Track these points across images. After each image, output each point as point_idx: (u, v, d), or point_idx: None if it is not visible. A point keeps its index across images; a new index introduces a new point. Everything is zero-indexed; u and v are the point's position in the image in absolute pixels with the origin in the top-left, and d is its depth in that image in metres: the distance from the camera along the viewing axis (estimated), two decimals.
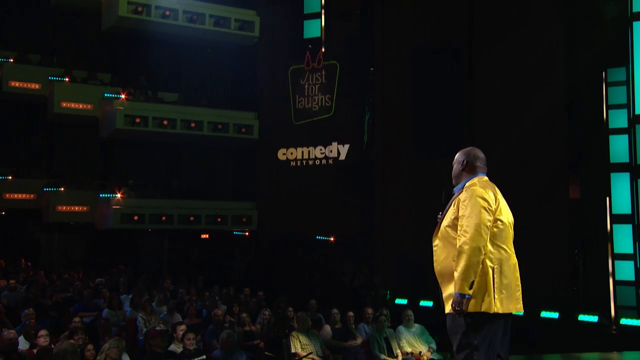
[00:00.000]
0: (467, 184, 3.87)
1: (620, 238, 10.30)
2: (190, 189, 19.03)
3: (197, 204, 17.84)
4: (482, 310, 3.63)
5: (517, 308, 3.73)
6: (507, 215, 3.78)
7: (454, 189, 3.99)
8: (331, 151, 17.17)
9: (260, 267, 17.27)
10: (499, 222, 3.71)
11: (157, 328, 7.26)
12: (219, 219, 17.66)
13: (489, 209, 3.65)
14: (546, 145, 11.61)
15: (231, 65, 20.24)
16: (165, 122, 17.55)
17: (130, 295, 11.71)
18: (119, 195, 17.01)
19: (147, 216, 17.07)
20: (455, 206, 3.81)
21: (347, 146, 16.93)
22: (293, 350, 8.82)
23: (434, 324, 9.68)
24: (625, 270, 10.21)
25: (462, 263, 3.59)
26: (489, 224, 3.63)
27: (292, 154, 17.81)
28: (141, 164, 19.89)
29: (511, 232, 3.79)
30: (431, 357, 9.15)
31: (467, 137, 12.87)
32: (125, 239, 18.59)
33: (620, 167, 10.36)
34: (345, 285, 14.17)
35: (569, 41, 11.65)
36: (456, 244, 3.69)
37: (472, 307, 3.63)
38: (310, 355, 8.52)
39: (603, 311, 9.97)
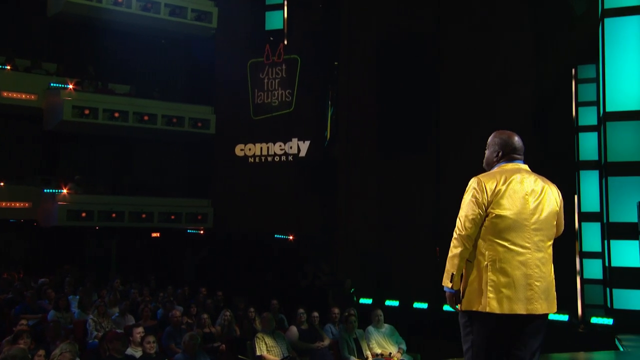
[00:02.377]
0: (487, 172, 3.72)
1: (589, 236, 10.24)
2: (142, 185, 18.19)
3: (150, 201, 17.06)
4: (476, 309, 3.40)
5: (529, 309, 3.35)
6: (515, 207, 3.41)
7: None
8: (291, 147, 16.72)
9: (216, 267, 16.64)
10: (492, 215, 3.40)
11: (117, 330, 6.64)
12: (172, 217, 16.94)
13: (476, 199, 3.41)
14: None
15: (187, 57, 19.52)
16: (116, 115, 16.72)
17: (78, 296, 11.00)
18: (65, 191, 16.08)
19: (95, 213, 16.20)
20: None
21: (307, 142, 16.52)
22: (258, 353, 8.32)
23: (400, 324, 9.41)
24: (593, 269, 10.14)
25: (448, 255, 3.49)
26: (474, 215, 3.39)
27: (250, 150, 17.26)
28: (89, 158, 18.95)
29: (523, 224, 3.41)
30: (401, 358, 8.82)
31: (434, 133, 12.66)
32: (69, 237, 17.62)
33: (589, 165, 10.31)
34: (306, 285, 13.74)
35: (538, 37, 11.57)
36: None
37: (466, 305, 3.46)
38: None
39: (571, 310, 9.86)
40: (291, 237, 16.39)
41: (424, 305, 11.32)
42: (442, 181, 12.45)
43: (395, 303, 11.55)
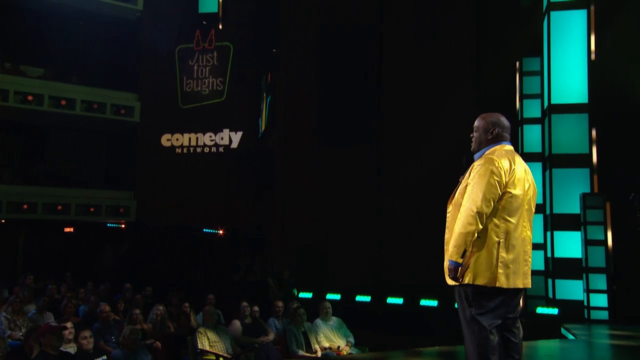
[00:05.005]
0: (487, 152, 3.71)
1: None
2: (57, 175, 16.81)
3: (66, 192, 15.81)
4: (483, 284, 3.50)
5: (525, 283, 3.63)
6: (521, 187, 3.61)
7: (475, 155, 3.80)
8: (222, 138, 16.03)
9: (140, 262, 15.60)
10: (508, 194, 3.55)
11: (52, 323, 5.82)
12: (91, 209, 15.77)
13: (497, 180, 3.51)
14: (457, 133, 11.40)
15: (110, 40, 18.27)
16: (29, 98, 15.37)
17: None
18: None
19: (3, 204, 14.81)
20: (469, 172, 3.68)
21: (240, 133, 15.90)
22: (200, 347, 7.66)
23: (343, 318, 9.05)
24: (535, 260, 10.18)
25: (457, 230, 3.53)
26: (493, 196, 3.50)
27: (177, 140, 16.41)
28: None
29: (526, 204, 3.64)
30: (350, 351, 8.45)
31: (376, 124, 12.42)
32: None
33: (532, 157, 10.39)
34: (239, 280, 13.13)
35: (482, 30, 11.59)
36: None
37: (473, 280, 3.52)
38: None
39: None
40: (221, 232, 15.67)
41: (367, 299, 11.04)
42: (383, 173, 12.23)
43: (337, 297, 11.19)
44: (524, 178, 3.67)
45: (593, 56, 9.53)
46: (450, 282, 3.63)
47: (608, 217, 9.31)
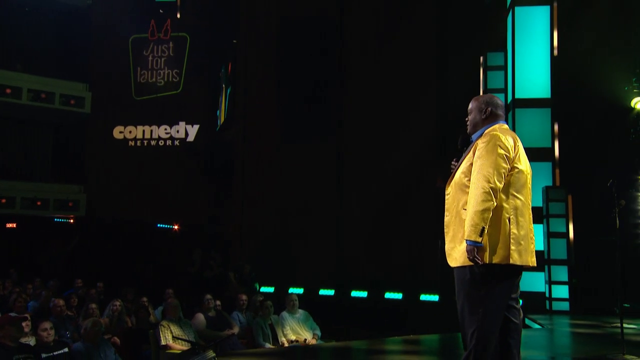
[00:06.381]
0: (487, 131, 3.60)
1: None
2: (1, 167, 15.96)
3: (10, 185, 15.02)
4: (497, 262, 3.38)
5: (533, 261, 3.48)
6: (525, 164, 3.56)
7: (472, 136, 3.68)
8: (178, 131, 15.60)
9: (91, 258, 14.94)
10: (515, 169, 3.48)
11: (11, 314, 5.39)
12: (38, 203, 15.03)
13: (506, 155, 3.44)
14: (421, 127, 11.43)
15: (58, 27, 17.48)
16: None
17: None
18: None
19: None
20: (473, 151, 3.55)
21: (196, 127, 15.50)
22: (164, 342, 7.32)
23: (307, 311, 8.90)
24: None
25: (472, 209, 3.39)
26: (503, 171, 3.43)
27: (130, 132, 15.86)
28: None
29: (529, 181, 3.57)
30: (316, 344, 8.27)
31: (338, 116, 12.28)
32: None
33: None
34: (195, 273, 12.78)
35: (443, 24, 11.62)
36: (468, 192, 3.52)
37: (487, 258, 3.39)
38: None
39: None
40: (176, 227, 15.22)
41: (331, 292, 10.89)
42: (345, 166, 12.10)
43: (300, 290, 10.99)
44: (525, 156, 3.61)
45: (556, 52, 9.69)
46: (455, 263, 3.52)
47: (570, 210, 9.46)
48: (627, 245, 7.04)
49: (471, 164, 3.52)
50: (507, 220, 3.42)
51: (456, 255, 3.50)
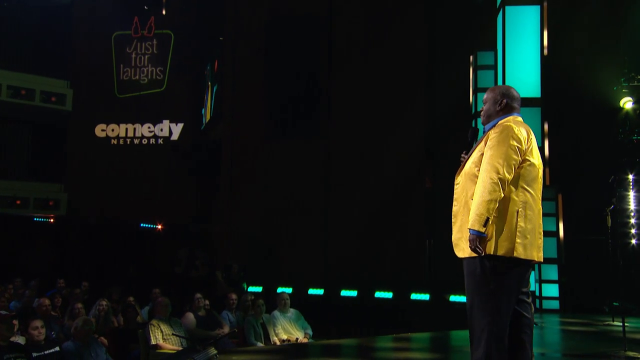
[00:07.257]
0: (500, 122, 3.54)
1: None
2: None
3: None
4: (501, 254, 3.32)
5: (539, 256, 3.44)
6: (538, 157, 3.51)
7: (485, 126, 3.63)
8: (162, 130, 15.38)
9: (70, 257, 14.64)
10: (527, 162, 3.44)
11: (2, 312, 5.19)
12: (17, 202, 14.69)
13: (518, 147, 3.39)
14: (409, 126, 11.40)
15: (39, 23, 17.11)
16: None
17: None
18: None
19: None
20: (485, 141, 3.49)
21: (180, 125, 15.29)
22: (154, 342, 7.15)
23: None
24: None
25: (478, 198, 3.35)
26: (514, 162, 3.37)
27: (113, 130, 15.60)
28: None
29: (540, 176, 3.52)
30: (308, 342, 8.20)
31: (326, 114, 12.20)
32: None
33: None
34: (180, 273, 12.59)
35: (432, 21, 11.61)
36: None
37: (491, 249, 3.32)
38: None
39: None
40: (159, 227, 14.98)
41: (320, 292, 10.79)
42: (332, 164, 12.03)
43: (289, 290, 10.86)
44: (537, 149, 3.55)
45: (546, 51, 9.72)
46: (462, 254, 3.46)
47: (560, 209, 9.50)
48: (617, 244, 7.07)
49: (482, 154, 3.46)
50: (516, 213, 3.36)
51: (464, 245, 3.44)
